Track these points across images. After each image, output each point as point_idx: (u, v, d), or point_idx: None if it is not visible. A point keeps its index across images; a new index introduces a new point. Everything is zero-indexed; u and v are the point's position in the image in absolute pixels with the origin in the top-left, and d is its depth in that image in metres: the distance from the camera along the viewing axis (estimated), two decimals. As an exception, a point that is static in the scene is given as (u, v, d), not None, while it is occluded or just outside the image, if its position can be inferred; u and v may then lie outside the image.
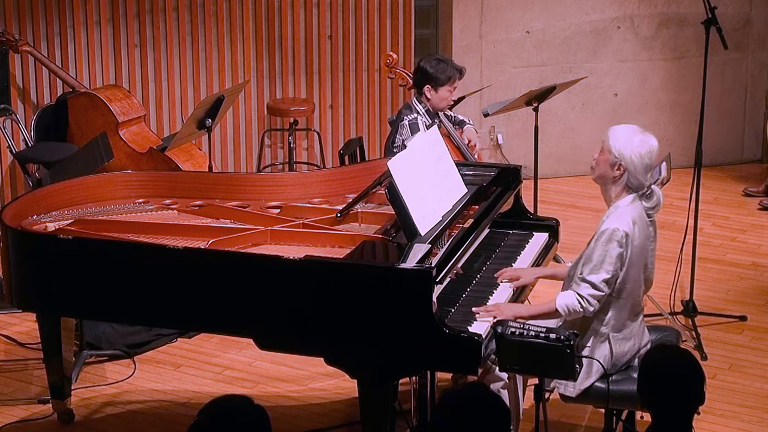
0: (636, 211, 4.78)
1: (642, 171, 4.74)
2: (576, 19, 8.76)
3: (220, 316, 4.89)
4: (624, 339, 4.85)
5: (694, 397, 3.90)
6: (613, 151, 4.74)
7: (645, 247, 4.83)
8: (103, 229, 5.28)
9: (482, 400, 3.61)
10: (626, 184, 4.77)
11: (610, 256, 4.70)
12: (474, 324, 4.72)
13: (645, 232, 4.81)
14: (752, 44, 9.11)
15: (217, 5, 8.11)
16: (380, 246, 4.91)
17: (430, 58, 6.53)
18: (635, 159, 4.72)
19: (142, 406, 5.81)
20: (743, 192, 8.57)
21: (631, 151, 4.73)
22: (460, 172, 5.41)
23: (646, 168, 4.75)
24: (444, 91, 6.42)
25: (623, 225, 4.70)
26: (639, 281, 4.86)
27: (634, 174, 4.74)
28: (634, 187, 4.77)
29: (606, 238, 4.70)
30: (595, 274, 4.71)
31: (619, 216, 4.74)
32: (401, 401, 5.06)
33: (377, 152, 8.47)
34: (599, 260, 4.71)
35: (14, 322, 6.59)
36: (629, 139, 4.75)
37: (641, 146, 4.74)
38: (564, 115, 8.89)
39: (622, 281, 4.77)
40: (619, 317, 4.82)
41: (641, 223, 4.79)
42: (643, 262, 4.85)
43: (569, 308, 4.75)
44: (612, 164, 4.76)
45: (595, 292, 4.72)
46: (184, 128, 6.81)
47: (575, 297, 4.74)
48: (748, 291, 7.05)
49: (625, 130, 4.79)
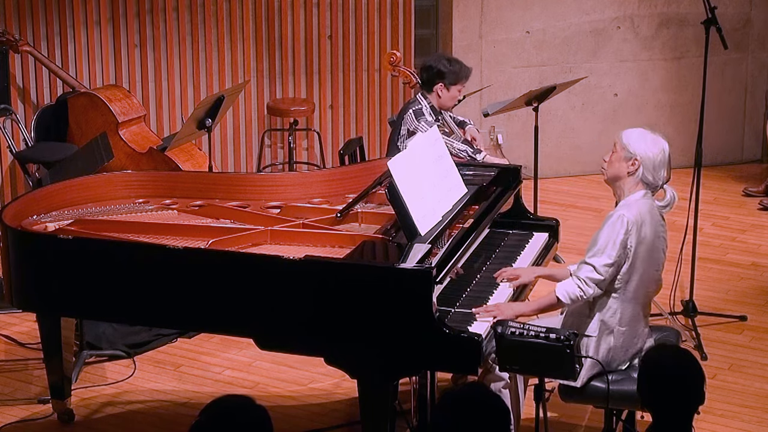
0: (646, 206, 4.84)
1: (656, 166, 4.84)
2: (576, 19, 8.76)
3: (220, 316, 4.90)
4: (629, 335, 4.85)
5: (694, 397, 3.90)
6: (627, 147, 4.85)
7: (655, 244, 4.85)
8: (103, 229, 5.28)
9: (482, 400, 3.61)
10: (641, 179, 4.85)
11: (614, 242, 4.74)
12: (474, 324, 4.72)
13: (655, 228, 4.85)
14: (752, 44, 9.11)
15: (217, 5, 8.11)
16: (380, 246, 4.91)
17: (441, 57, 6.59)
18: (649, 154, 4.83)
19: (142, 406, 5.81)
20: (743, 192, 8.57)
21: (644, 147, 4.85)
22: (460, 172, 5.41)
23: (659, 164, 4.85)
24: (455, 90, 6.52)
25: (630, 213, 4.77)
26: (649, 278, 4.86)
27: (649, 168, 4.83)
28: (649, 182, 4.85)
29: (611, 223, 4.77)
30: (597, 257, 4.75)
31: (627, 206, 4.81)
32: (401, 401, 5.06)
33: (377, 152, 8.47)
34: (603, 244, 4.75)
35: (14, 322, 6.59)
36: (642, 137, 4.89)
37: (654, 143, 4.87)
38: (564, 115, 8.89)
39: (628, 273, 4.79)
40: (625, 311, 4.83)
41: (652, 218, 4.83)
42: (653, 259, 4.85)
43: (569, 294, 4.77)
44: (626, 159, 4.84)
45: (595, 275, 4.74)
46: (184, 128, 6.81)
47: (574, 281, 4.77)
48: (748, 291, 7.06)
49: (636, 131, 4.93)
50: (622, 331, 4.84)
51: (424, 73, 6.56)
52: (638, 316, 4.88)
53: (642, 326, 4.91)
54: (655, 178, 4.85)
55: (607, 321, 4.82)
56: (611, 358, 4.84)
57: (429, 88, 6.52)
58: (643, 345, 4.92)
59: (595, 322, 4.83)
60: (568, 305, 4.85)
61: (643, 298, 4.88)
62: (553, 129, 8.84)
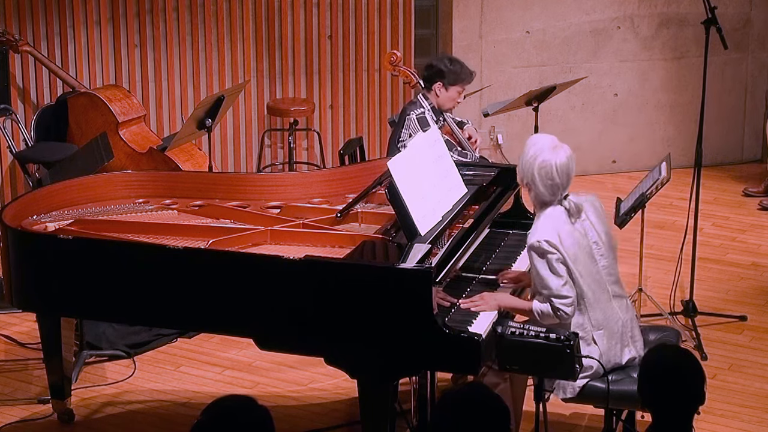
0: (558, 219, 4.81)
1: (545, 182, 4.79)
2: (576, 19, 8.76)
3: (220, 316, 4.90)
4: (608, 332, 4.84)
5: (695, 397, 3.90)
6: (521, 177, 4.86)
7: (581, 244, 4.83)
8: (103, 229, 5.28)
9: (482, 400, 3.61)
10: (542, 199, 4.83)
11: (550, 266, 4.71)
12: (474, 324, 4.72)
13: (572, 235, 4.81)
14: (752, 44, 9.11)
15: (217, 5, 8.11)
16: (380, 246, 4.91)
17: (443, 57, 6.62)
18: (534, 173, 4.79)
19: (142, 406, 5.81)
20: (743, 192, 8.57)
21: (528, 168, 4.81)
22: (460, 172, 5.41)
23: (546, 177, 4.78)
24: (453, 91, 6.51)
25: (543, 235, 4.73)
26: (592, 272, 4.84)
27: (540, 188, 4.81)
28: (548, 200, 4.82)
29: (536, 256, 4.74)
30: (552, 287, 4.72)
31: (537, 229, 4.79)
32: (401, 401, 5.06)
33: (377, 152, 8.47)
34: (545, 275, 4.72)
35: (14, 322, 6.59)
36: (525, 159, 4.84)
37: (535, 159, 4.81)
38: (564, 115, 8.89)
39: (573, 280, 4.77)
40: (593, 315, 4.81)
41: (565, 228, 4.80)
42: (587, 256, 4.84)
43: (543, 312, 4.76)
44: (527, 187, 4.86)
45: (563, 301, 4.73)
46: (184, 128, 6.81)
47: (550, 308, 4.76)
48: (748, 291, 7.05)
49: (525, 154, 4.85)
50: (601, 333, 4.83)
51: (426, 71, 6.58)
52: (604, 304, 4.84)
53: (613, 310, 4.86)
54: (554, 192, 4.80)
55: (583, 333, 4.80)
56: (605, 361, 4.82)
57: (428, 86, 6.53)
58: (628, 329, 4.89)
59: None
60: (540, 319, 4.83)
61: (596, 290, 4.84)
62: (553, 129, 8.81)
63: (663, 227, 7.85)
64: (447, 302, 4.78)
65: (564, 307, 4.73)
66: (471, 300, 4.86)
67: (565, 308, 4.73)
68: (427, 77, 6.55)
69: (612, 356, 4.86)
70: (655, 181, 6.12)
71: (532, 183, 4.81)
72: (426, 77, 6.56)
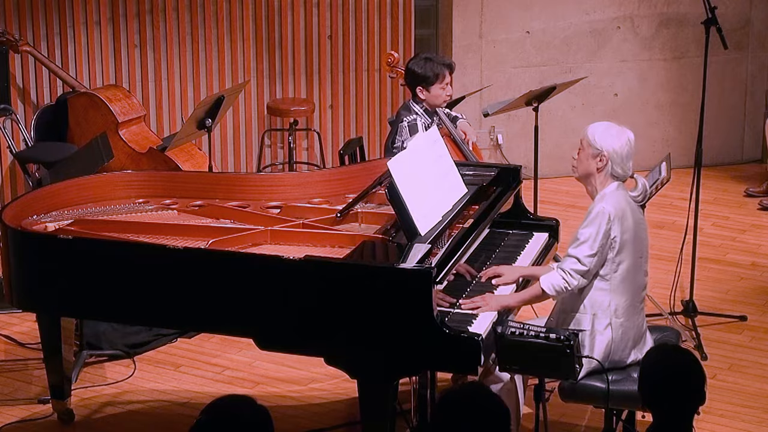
0: (623, 196, 4.89)
1: (623, 158, 4.88)
2: (576, 19, 8.76)
3: (220, 316, 4.89)
4: (626, 326, 4.85)
5: (695, 397, 3.90)
6: (593, 144, 4.88)
7: (638, 233, 4.88)
8: (103, 229, 5.28)
9: (482, 400, 3.61)
10: (610, 173, 4.88)
11: (596, 233, 4.77)
12: (474, 324, 4.72)
13: (636, 216, 4.90)
14: (752, 44, 9.11)
15: (217, 5, 8.11)
16: (380, 246, 4.91)
17: (418, 59, 6.46)
18: (616, 148, 4.86)
19: (142, 406, 5.81)
20: (745, 192, 8.57)
21: (611, 141, 4.88)
22: (460, 172, 5.41)
23: (626, 156, 4.88)
24: (436, 89, 6.36)
25: (609, 205, 4.81)
26: (636, 267, 4.87)
27: (617, 162, 4.86)
28: (619, 175, 4.89)
29: (592, 217, 4.81)
30: (580, 249, 4.79)
31: (605, 199, 4.85)
32: (401, 401, 5.05)
33: (377, 152, 8.47)
34: (585, 237, 4.80)
35: (14, 322, 6.59)
36: (606, 131, 4.91)
37: (619, 136, 4.90)
38: (564, 115, 8.89)
39: (616, 262, 4.82)
40: (620, 302, 4.83)
41: (630, 207, 4.89)
42: (637, 247, 4.87)
43: (554, 286, 4.80)
44: (594, 155, 4.87)
45: (579, 266, 4.77)
46: (184, 128, 6.81)
47: (559, 272, 4.81)
48: (748, 291, 7.06)
49: (601, 126, 4.95)
50: (620, 323, 4.84)
51: (405, 78, 6.49)
52: (634, 308, 4.88)
53: (639, 318, 4.91)
54: (624, 170, 4.90)
55: (602, 315, 4.83)
56: (612, 351, 4.83)
57: (413, 92, 6.44)
58: (643, 337, 4.91)
59: (588, 316, 4.84)
60: (554, 296, 4.87)
61: (633, 287, 4.88)
62: (553, 129, 8.84)
63: (663, 227, 7.86)
64: (447, 302, 4.79)
65: (574, 273, 4.77)
66: (472, 300, 4.86)
67: (574, 274, 4.77)
68: (409, 84, 6.45)
69: (620, 351, 4.86)
70: (655, 181, 6.11)
71: (609, 153, 4.84)
72: (408, 84, 6.47)
